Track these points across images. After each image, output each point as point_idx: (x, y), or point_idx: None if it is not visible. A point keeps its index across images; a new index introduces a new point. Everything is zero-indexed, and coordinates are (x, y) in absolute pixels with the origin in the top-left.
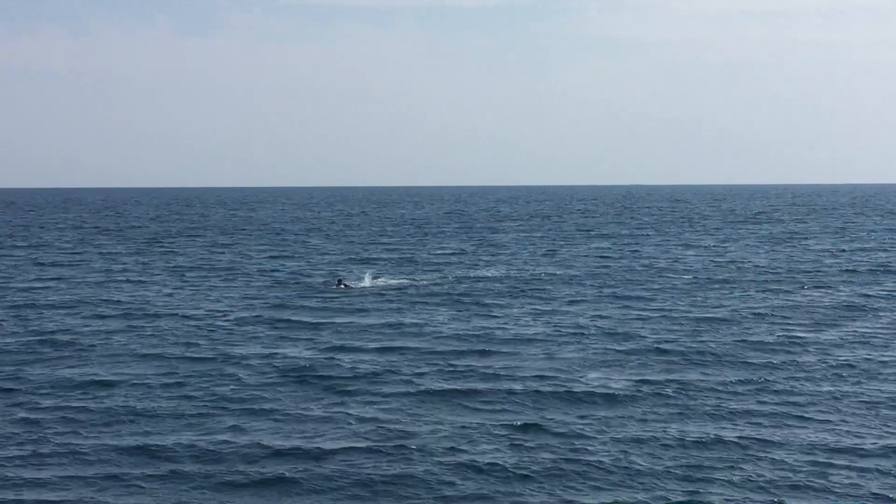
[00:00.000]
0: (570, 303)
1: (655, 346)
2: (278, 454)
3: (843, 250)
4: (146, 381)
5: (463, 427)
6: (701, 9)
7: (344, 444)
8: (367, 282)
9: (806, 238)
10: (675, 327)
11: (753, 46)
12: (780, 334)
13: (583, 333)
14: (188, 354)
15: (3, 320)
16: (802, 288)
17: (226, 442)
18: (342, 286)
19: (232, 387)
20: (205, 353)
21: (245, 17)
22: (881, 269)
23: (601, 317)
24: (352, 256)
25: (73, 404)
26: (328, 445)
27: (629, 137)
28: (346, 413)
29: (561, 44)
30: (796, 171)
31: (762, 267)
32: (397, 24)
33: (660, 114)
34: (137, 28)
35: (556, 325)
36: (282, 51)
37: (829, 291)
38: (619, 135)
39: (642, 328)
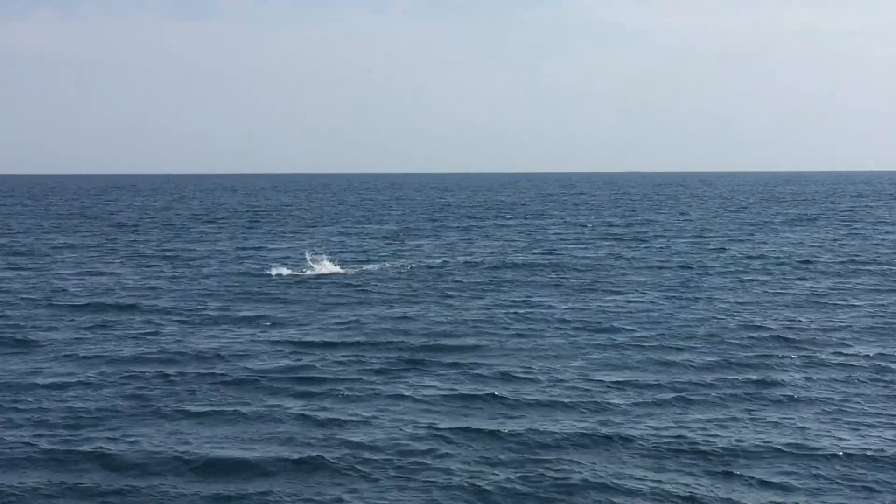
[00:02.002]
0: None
1: None
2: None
3: None
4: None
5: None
6: None
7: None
8: (324, 267)
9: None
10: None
11: (748, 33)
12: None
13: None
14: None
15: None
16: None
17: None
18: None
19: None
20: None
21: (241, 1)
22: None
23: (578, 309)
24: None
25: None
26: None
27: (622, 124)
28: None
29: (557, 30)
30: (789, 159)
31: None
32: (396, 8)
33: (653, 101)
34: (130, 12)
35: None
36: (278, 36)
37: None
38: (612, 122)
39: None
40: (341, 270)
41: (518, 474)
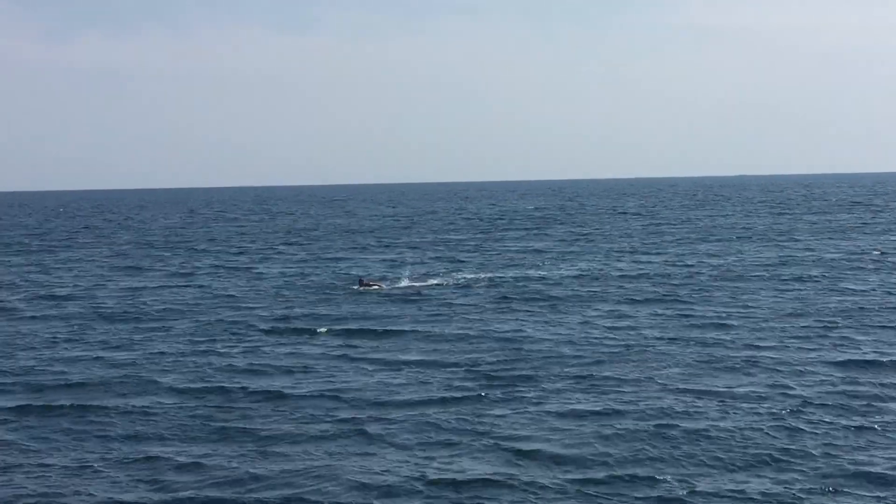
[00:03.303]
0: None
1: None
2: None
3: None
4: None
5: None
6: None
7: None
8: (403, 282)
9: None
10: None
11: (850, 32)
12: None
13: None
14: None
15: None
16: None
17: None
18: (364, 287)
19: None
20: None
21: (340, 14)
22: None
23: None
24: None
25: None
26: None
27: (722, 127)
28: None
29: (653, 32)
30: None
31: None
32: (492, 17)
33: (752, 102)
34: (235, 27)
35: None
36: (376, 46)
37: None
38: (713, 124)
39: None
40: (434, 283)
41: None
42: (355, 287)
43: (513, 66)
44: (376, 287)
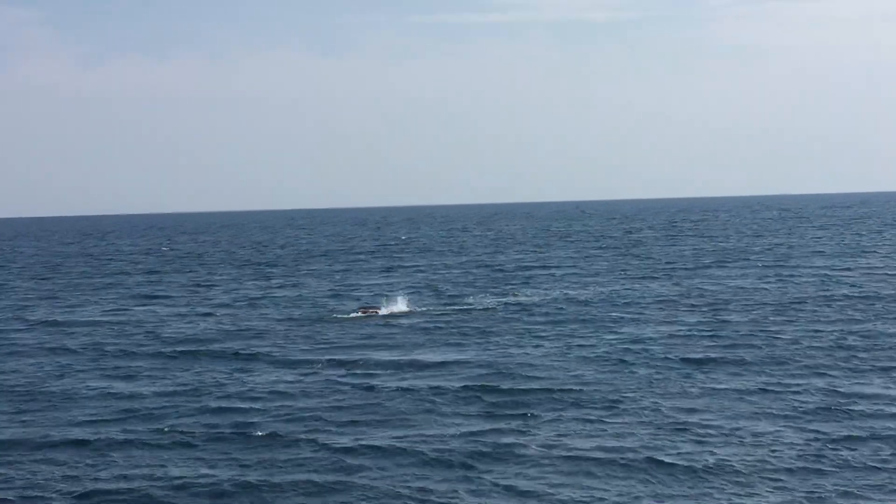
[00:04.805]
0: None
1: None
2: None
3: None
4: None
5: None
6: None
7: None
8: (398, 306)
9: None
10: None
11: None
12: None
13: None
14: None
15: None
16: None
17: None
18: (364, 313)
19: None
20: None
21: (377, 36)
22: None
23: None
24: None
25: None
26: None
27: (764, 146)
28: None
29: (693, 53)
30: None
31: None
32: (530, 38)
33: (793, 121)
34: (272, 50)
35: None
36: (414, 68)
37: None
38: (754, 144)
39: None
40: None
41: None
42: (354, 314)
43: (554, 86)
44: (373, 311)
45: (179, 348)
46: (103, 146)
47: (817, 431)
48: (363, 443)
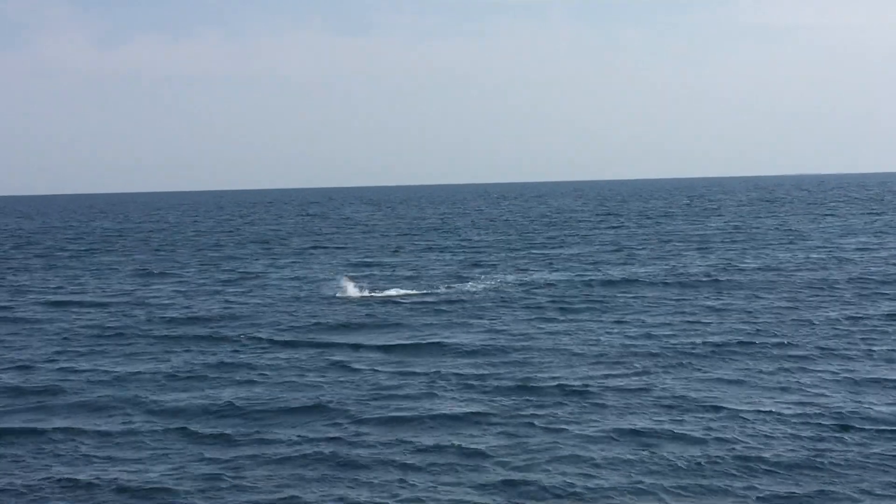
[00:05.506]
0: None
1: None
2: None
3: None
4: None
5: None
6: None
7: None
8: (350, 291)
9: None
10: None
11: None
12: None
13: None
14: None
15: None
16: None
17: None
18: (370, 293)
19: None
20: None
21: (399, 16)
22: None
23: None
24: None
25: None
26: None
27: (785, 126)
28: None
29: (714, 33)
30: None
31: None
32: (550, 17)
33: (815, 101)
34: (293, 29)
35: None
36: (435, 47)
37: None
38: (775, 124)
39: None
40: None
41: None
42: (360, 294)
43: (573, 66)
44: (378, 293)
45: (179, 329)
46: (117, 124)
47: (832, 424)
48: (362, 429)
